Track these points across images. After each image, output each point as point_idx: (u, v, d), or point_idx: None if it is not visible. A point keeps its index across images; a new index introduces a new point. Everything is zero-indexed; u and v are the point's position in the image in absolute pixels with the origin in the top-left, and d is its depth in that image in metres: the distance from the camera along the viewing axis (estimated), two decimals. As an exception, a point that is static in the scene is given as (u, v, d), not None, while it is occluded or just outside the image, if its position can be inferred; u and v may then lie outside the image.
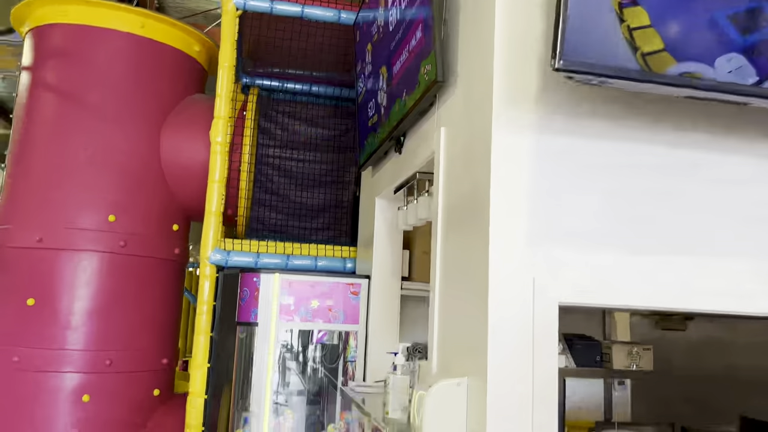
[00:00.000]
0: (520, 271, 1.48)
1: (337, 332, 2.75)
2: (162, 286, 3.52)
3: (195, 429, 3.07)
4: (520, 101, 1.53)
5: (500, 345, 1.45)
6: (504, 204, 1.48)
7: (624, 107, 1.55)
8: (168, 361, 3.54)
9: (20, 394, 3.11)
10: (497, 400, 1.43)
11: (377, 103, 2.54)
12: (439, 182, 1.83)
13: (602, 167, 1.54)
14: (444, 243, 1.80)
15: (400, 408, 1.88)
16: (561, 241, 1.51)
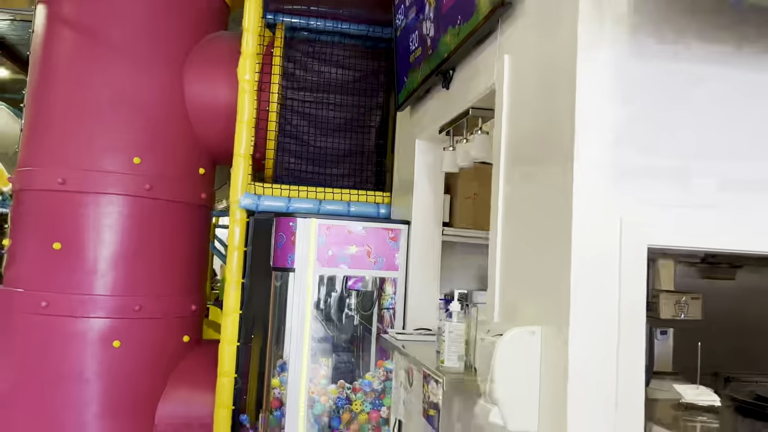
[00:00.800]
0: (607, 209, 1.37)
1: (371, 279, 2.67)
2: (189, 231, 3.45)
3: (228, 376, 3.06)
4: (607, 23, 1.39)
5: (584, 291, 1.35)
6: (590, 136, 1.36)
7: (713, 28, 1.41)
8: (197, 307, 3.50)
9: (49, 339, 3.09)
10: (579, 349, 1.34)
11: (422, 35, 2.39)
12: (503, 116, 1.70)
13: (697, 96, 1.41)
14: (508, 181, 1.69)
15: (457, 356, 1.82)
16: (651, 177, 1.39)
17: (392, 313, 2.67)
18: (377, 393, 2.65)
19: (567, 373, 1.34)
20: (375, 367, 2.66)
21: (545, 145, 1.50)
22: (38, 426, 3.05)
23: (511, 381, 1.43)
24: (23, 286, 3.15)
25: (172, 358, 3.32)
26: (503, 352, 1.43)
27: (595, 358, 1.34)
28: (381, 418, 2.64)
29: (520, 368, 1.43)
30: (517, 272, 1.64)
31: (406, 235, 2.69)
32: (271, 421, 2.61)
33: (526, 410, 1.44)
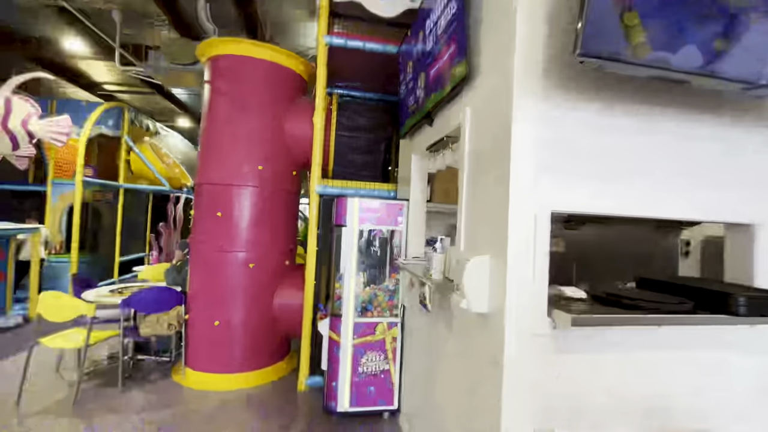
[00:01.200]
0: (529, 191, 1.31)
1: (387, 231, 2.62)
2: (288, 206, 3.42)
3: (310, 282, 3.04)
4: (530, 84, 1.32)
5: (515, 237, 1.31)
6: (519, 149, 1.30)
7: (607, 96, 1.34)
8: (292, 246, 3.48)
9: (216, 264, 3.08)
10: (513, 267, 1.30)
11: (416, 97, 2.30)
12: (465, 139, 1.65)
13: (584, 129, 1.34)
14: (470, 176, 1.63)
15: (439, 272, 1.77)
16: (554, 174, 1.33)
17: (399, 249, 2.63)
18: (391, 292, 2.63)
19: (506, 280, 1.29)
20: (389, 277, 2.63)
21: (494, 155, 1.44)
22: (213, 306, 3.07)
23: (473, 284, 1.40)
24: (202, 235, 3.14)
25: (280, 274, 3.31)
26: (469, 268, 1.39)
27: (521, 272, 1.30)
28: (393, 305, 2.62)
29: (478, 277, 1.39)
30: (475, 227, 1.59)
31: (407, 207, 2.63)
32: (334, 307, 2.60)
33: (481, 300, 1.41)
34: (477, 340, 1.46)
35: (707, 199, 1.44)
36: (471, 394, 1.49)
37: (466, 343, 1.56)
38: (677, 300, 1.33)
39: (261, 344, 3.18)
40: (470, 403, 1.50)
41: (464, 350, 1.59)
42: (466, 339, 1.57)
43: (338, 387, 2.54)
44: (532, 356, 1.28)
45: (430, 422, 2.01)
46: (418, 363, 2.30)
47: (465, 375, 1.57)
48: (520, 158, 1.27)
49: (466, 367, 1.57)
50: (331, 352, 2.58)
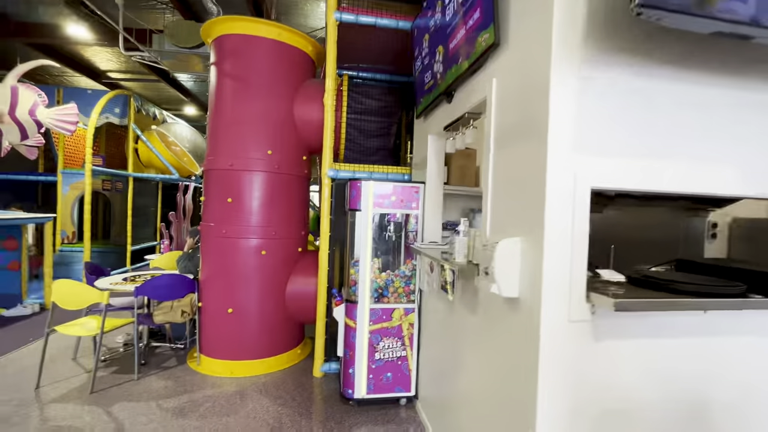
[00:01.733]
0: (566, 166, 1.21)
1: (401, 215, 2.52)
2: (299, 191, 3.33)
3: (324, 268, 2.98)
4: (569, 48, 1.20)
5: (552, 216, 1.21)
6: (558, 124, 1.19)
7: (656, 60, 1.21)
8: (304, 232, 3.41)
9: (228, 251, 3.03)
10: (550, 249, 1.20)
11: (433, 72, 2.17)
12: (492, 113, 1.53)
13: (626, 96, 1.22)
14: (497, 150, 1.52)
15: (462, 255, 1.68)
16: (594, 148, 1.22)
17: (415, 233, 2.54)
18: (408, 277, 2.55)
19: (542, 263, 1.20)
20: (404, 263, 2.55)
21: (526, 129, 1.33)
22: (226, 294, 3.03)
23: (503, 268, 1.30)
24: (213, 222, 3.08)
25: (292, 260, 3.26)
26: (500, 251, 1.30)
27: (558, 254, 1.21)
28: (410, 290, 2.55)
29: (509, 260, 1.30)
30: (503, 208, 1.49)
31: (423, 189, 2.53)
32: (350, 293, 2.54)
33: (512, 284, 1.32)
34: (507, 327, 1.38)
35: (765, 174, 1.32)
36: (501, 382, 1.42)
37: (494, 329, 1.48)
38: (727, 283, 1.23)
39: (275, 331, 3.15)
40: (500, 390, 1.42)
41: (492, 337, 1.51)
42: (494, 325, 1.49)
43: (355, 374, 2.50)
44: (569, 343, 1.19)
45: (452, 409, 1.96)
46: (437, 349, 2.24)
47: (493, 362, 1.49)
48: (557, 131, 1.16)
49: (494, 354, 1.49)
50: (347, 339, 2.53)
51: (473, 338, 1.69)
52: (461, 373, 1.84)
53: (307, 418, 2.41)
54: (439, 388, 2.20)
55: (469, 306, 1.73)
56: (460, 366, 1.84)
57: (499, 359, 1.44)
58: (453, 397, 1.95)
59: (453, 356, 1.94)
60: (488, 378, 1.54)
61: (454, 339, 1.92)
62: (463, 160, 2.63)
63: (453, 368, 1.94)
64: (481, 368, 1.62)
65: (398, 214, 2.52)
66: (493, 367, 1.49)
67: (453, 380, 1.95)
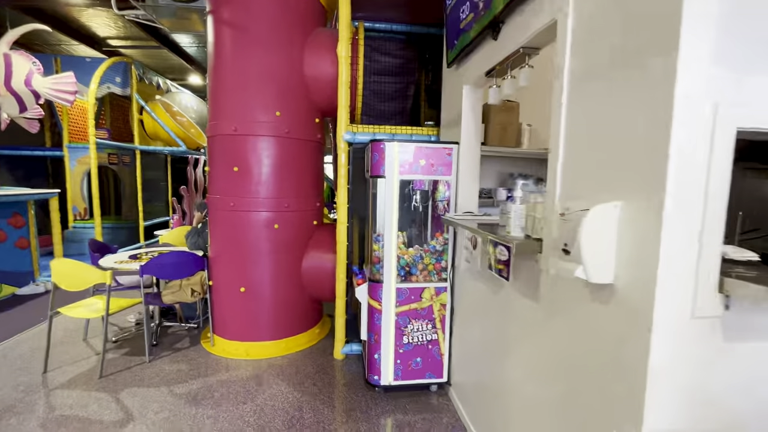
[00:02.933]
0: (703, 95, 0.82)
1: (428, 182, 2.17)
2: (312, 158, 2.99)
3: (342, 243, 2.70)
4: None
5: (679, 170, 0.83)
6: (693, 33, 0.80)
7: None
8: (319, 204, 3.11)
9: (237, 225, 2.75)
10: (672, 218, 0.84)
11: (473, 3, 1.75)
12: (566, 42, 1.13)
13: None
14: (575, 91, 1.14)
15: (520, 228, 1.34)
16: (745, 68, 0.83)
17: (445, 203, 2.20)
18: (439, 253, 2.24)
19: (659, 239, 0.84)
20: (433, 237, 2.23)
21: (634, 49, 0.93)
22: (237, 271, 2.79)
23: (593, 245, 0.94)
24: (219, 194, 2.79)
25: (308, 234, 2.98)
26: (589, 222, 0.94)
27: (682, 226, 0.85)
28: (441, 267, 2.24)
29: (602, 235, 0.94)
30: (583, 165, 1.13)
31: (457, 151, 2.16)
32: (373, 271, 2.25)
33: (605, 267, 0.96)
34: (589, 320, 1.06)
35: None
36: (573, 383, 1.12)
37: (566, 320, 1.16)
38: None
39: (291, 310, 2.93)
40: (573, 393, 1.12)
41: (560, 329, 1.20)
42: (566, 316, 1.17)
43: (381, 360, 2.25)
44: (691, 347, 0.87)
45: (494, 400, 1.69)
46: (476, 333, 1.95)
47: (561, 359, 1.19)
48: (687, 48, 0.78)
49: (563, 349, 1.18)
50: (372, 322, 2.27)
51: (531, 327, 1.38)
52: (510, 363, 1.55)
53: (330, 406, 2.20)
54: (477, 375, 1.93)
55: (525, 289, 1.41)
56: (509, 355, 1.55)
57: (571, 357, 1.13)
58: (497, 387, 1.68)
59: (499, 343, 1.65)
60: (551, 375, 1.25)
61: (501, 325, 1.62)
62: (504, 116, 2.23)
63: (498, 356, 1.66)
64: (540, 362, 1.32)
65: (426, 181, 2.17)
66: (561, 364, 1.19)
67: (498, 369, 1.67)
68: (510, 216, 1.33)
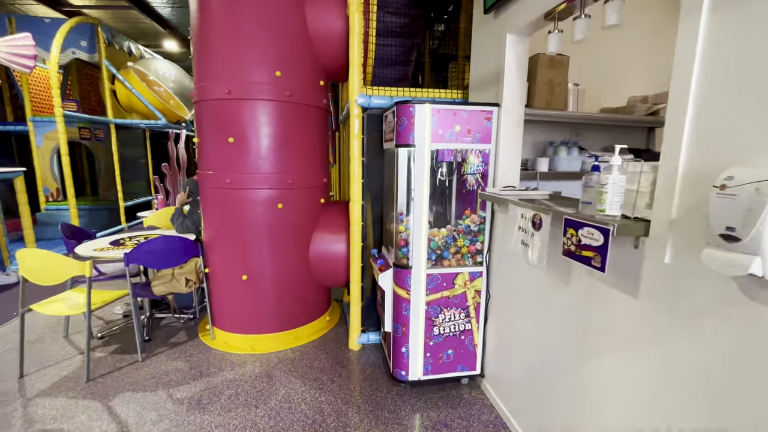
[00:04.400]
0: None
1: (460, 151, 1.85)
2: (318, 127, 2.62)
3: (357, 223, 2.40)
4: None
5: None
6: None
7: None
8: (326, 180, 2.77)
9: (235, 205, 2.41)
10: None
11: None
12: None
13: None
14: (721, 24, 0.84)
15: (618, 205, 1.06)
16: None
17: (478, 176, 1.90)
18: (474, 233, 1.97)
19: None
20: (461, 215, 1.95)
21: None
22: (238, 257, 2.47)
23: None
24: (212, 169, 2.42)
25: (315, 214, 2.66)
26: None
27: None
28: (476, 250, 1.98)
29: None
30: (734, 115, 0.83)
31: (497, 115, 1.84)
32: (399, 255, 1.96)
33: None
34: (748, 331, 0.80)
35: None
36: (732, 419, 0.88)
37: (720, 330, 0.91)
38: None
39: (299, 298, 2.65)
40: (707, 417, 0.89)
41: (708, 341, 0.95)
42: (718, 324, 0.91)
43: (409, 353, 2.01)
44: None
45: (548, 400, 1.48)
46: (528, 325, 1.71)
47: (710, 379, 0.94)
48: None
49: (710, 366, 0.94)
50: (399, 312, 2.01)
51: (627, 329, 1.13)
52: (590, 366, 1.32)
53: (353, 406, 1.96)
54: (526, 370, 1.71)
55: (617, 281, 1.15)
56: (588, 356, 1.32)
57: (716, 376, 0.89)
58: (561, 388, 1.46)
59: (568, 340, 1.41)
60: (674, 392, 1.01)
61: (572, 320, 1.38)
62: (552, 73, 1.90)
63: (564, 354, 1.43)
64: (651, 374, 1.08)
65: (454, 152, 1.86)
66: (696, 382, 0.95)
67: (564, 369, 1.44)
68: (606, 190, 1.04)
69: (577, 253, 1.15)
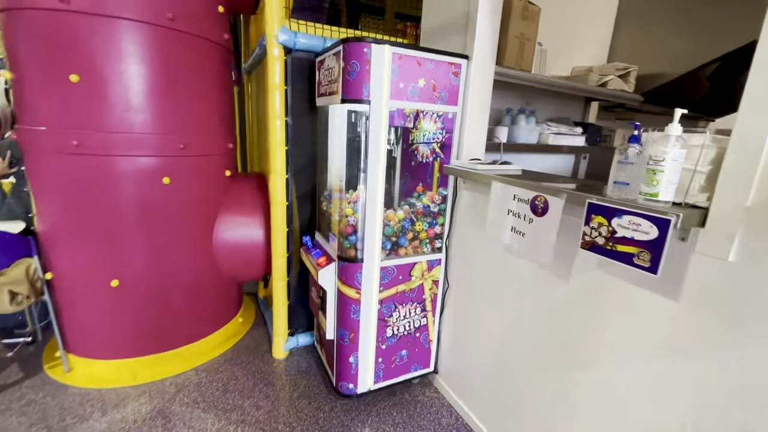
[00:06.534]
0: None
1: (413, 113, 1.49)
2: (217, 71, 1.93)
3: (280, 203, 1.87)
4: None
5: None
6: None
7: None
8: (232, 146, 2.12)
9: (91, 178, 1.63)
10: None
11: None
12: None
13: None
14: None
15: (674, 188, 0.84)
16: None
17: (436, 146, 1.58)
18: (434, 215, 1.66)
19: None
20: (417, 193, 1.63)
21: None
22: (99, 255, 1.73)
23: None
24: (45, 123, 1.57)
25: (219, 190, 2.02)
26: None
27: None
28: (435, 234, 1.68)
29: None
30: None
31: (466, 69, 1.51)
32: (345, 245, 1.55)
33: None
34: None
35: None
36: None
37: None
38: None
39: (199, 302, 2.03)
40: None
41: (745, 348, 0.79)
42: None
43: (358, 363, 1.66)
44: None
45: (513, 407, 1.32)
46: (495, 316, 1.50)
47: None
48: None
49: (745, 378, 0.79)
50: (346, 316, 1.61)
51: (648, 334, 0.95)
52: (571, 368, 1.15)
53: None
54: (486, 364, 1.53)
55: (646, 279, 0.96)
56: (570, 357, 1.15)
57: None
58: (533, 392, 1.30)
59: (553, 338, 1.23)
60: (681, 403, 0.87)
61: (564, 317, 1.18)
62: (523, 26, 1.62)
63: (545, 353, 1.25)
64: (669, 386, 0.93)
65: (409, 114, 1.48)
66: (730, 401, 0.80)
67: (540, 369, 1.27)
68: (662, 168, 0.80)
69: (608, 248, 0.92)
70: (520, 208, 1.18)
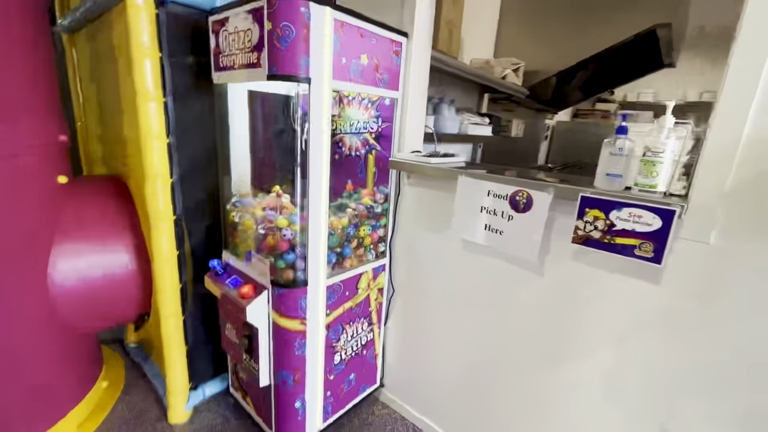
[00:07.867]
0: None
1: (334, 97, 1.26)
2: (28, 27, 1.24)
3: (166, 218, 1.37)
4: None
5: None
6: None
7: None
8: (64, 138, 1.43)
9: None
10: None
11: None
12: None
13: None
14: None
15: (668, 178, 0.86)
16: None
17: (369, 136, 1.38)
18: (377, 216, 1.45)
19: None
20: (344, 191, 1.41)
21: None
22: None
23: None
24: None
25: (50, 206, 1.35)
26: None
27: None
28: (379, 236, 1.48)
29: None
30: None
31: (405, 50, 1.32)
32: (280, 266, 1.21)
33: None
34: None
35: None
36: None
37: None
38: None
39: (33, 377, 1.34)
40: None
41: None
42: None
43: (306, 406, 1.34)
44: None
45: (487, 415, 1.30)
46: (454, 317, 1.41)
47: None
48: None
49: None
50: (288, 355, 1.26)
51: (629, 317, 0.99)
52: (549, 360, 1.16)
53: None
54: (441, 371, 1.45)
55: (626, 265, 0.98)
56: (548, 351, 1.15)
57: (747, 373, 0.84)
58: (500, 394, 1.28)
59: (527, 333, 1.21)
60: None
61: (538, 310, 1.16)
62: (453, 12, 1.50)
63: (518, 350, 1.23)
64: (645, 367, 0.99)
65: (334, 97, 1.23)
66: (706, 381, 0.89)
67: (511, 367, 1.25)
68: (661, 159, 0.80)
69: (606, 242, 0.90)
70: (497, 204, 1.10)
